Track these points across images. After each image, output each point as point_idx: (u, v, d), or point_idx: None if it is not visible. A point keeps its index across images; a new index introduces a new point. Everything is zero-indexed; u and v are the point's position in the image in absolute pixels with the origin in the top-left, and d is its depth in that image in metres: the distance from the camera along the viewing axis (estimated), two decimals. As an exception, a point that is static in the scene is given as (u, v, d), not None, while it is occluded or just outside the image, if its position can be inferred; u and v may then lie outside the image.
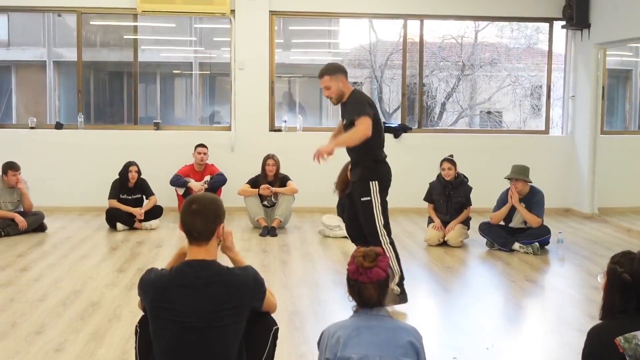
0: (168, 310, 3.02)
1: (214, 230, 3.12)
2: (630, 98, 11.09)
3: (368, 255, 3.02)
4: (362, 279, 3.00)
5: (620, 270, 3.07)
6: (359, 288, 3.01)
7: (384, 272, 3.00)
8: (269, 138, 10.15)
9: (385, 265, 3.02)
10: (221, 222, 3.16)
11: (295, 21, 12.79)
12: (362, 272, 2.99)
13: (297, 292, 5.97)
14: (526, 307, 5.93)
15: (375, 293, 3.00)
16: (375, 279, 2.98)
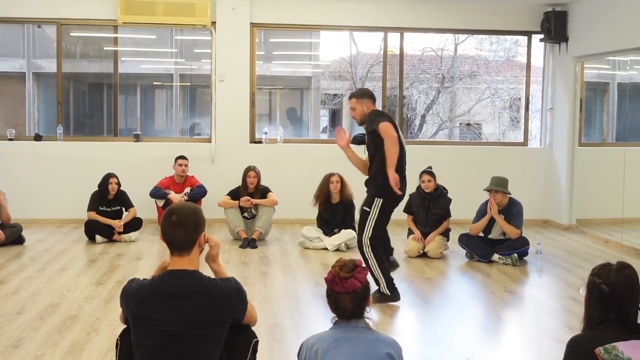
0: (150, 320, 3.01)
1: (195, 239, 3.13)
2: (607, 110, 11.20)
3: (345, 266, 3.05)
4: (337, 289, 3.02)
5: (599, 281, 3.09)
6: (335, 298, 3.03)
7: (361, 283, 3.01)
8: (249, 150, 10.15)
9: (363, 277, 3.03)
10: (202, 230, 3.17)
11: (276, 33, 12.82)
12: (338, 281, 3.01)
13: (277, 304, 5.97)
14: (505, 318, 5.96)
15: (350, 304, 3.01)
16: (350, 289, 2.99)
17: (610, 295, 3.05)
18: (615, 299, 3.04)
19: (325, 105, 16.14)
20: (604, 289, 3.06)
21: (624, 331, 3.03)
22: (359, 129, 16.59)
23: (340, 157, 10.14)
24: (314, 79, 15.71)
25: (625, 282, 3.05)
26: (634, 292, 3.06)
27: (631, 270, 3.11)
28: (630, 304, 3.05)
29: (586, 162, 10.24)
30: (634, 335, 3.04)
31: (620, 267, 3.10)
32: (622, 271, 3.08)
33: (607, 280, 3.07)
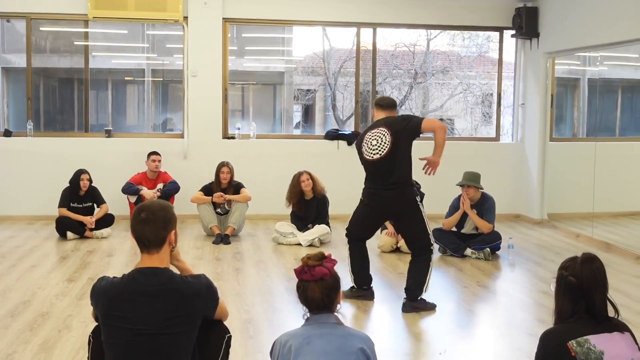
0: (120, 318, 2.99)
1: (165, 237, 3.10)
2: (578, 106, 11.30)
3: (314, 256, 3.06)
4: (306, 277, 3.03)
5: (566, 274, 3.13)
6: (304, 288, 3.04)
7: (329, 272, 3.01)
8: (222, 145, 10.11)
9: (331, 267, 3.04)
10: (172, 228, 3.14)
11: (249, 28, 12.76)
12: (307, 270, 3.03)
13: (251, 300, 5.95)
14: (478, 311, 6.00)
15: (319, 293, 3.01)
16: (318, 276, 3.00)
17: (577, 287, 3.09)
18: (583, 291, 3.08)
19: (298, 101, 16.13)
20: (571, 280, 3.10)
21: (595, 324, 3.07)
22: (332, 124, 16.59)
23: (312, 152, 10.19)
24: (286, 75, 15.69)
25: (591, 274, 3.09)
26: (600, 284, 3.10)
27: (597, 262, 3.15)
28: (597, 295, 3.09)
29: (557, 157, 10.33)
30: (605, 328, 3.08)
31: (586, 260, 3.14)
32: (588, 263, 3.12)
33: (573, 272, 3.11)
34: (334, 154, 10.36)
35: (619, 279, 6.93)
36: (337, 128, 12.33)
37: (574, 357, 2.98)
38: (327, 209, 8.62)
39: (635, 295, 6.35)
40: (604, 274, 3.13)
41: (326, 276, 3.01)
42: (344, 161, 10.35)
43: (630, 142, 10.21)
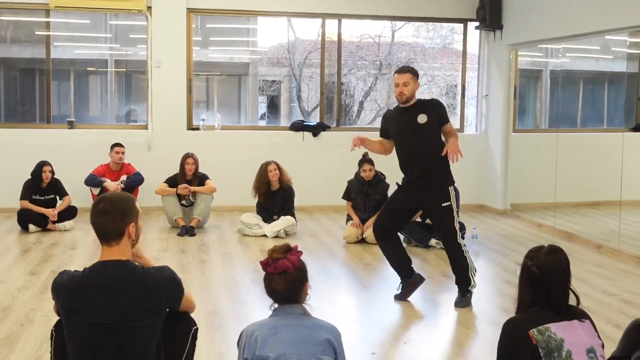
0: (82, 313, 2.95)
1: (123, 229, 3.05)
2: (540, 97, 11.42)
3: (279, 248, 3.06)
4: (269, 270, 3.03)
5: (530, 263, 3.18)
6: (268, 280, 3.05)
7: (293, 264, 3.02)
8: (186, 137, 10.05)
9: (296, 259, 3.04)
10: (131, 221, 3.08)
11: (214, 19, 12.68)
12: (271, 263, 3.03)
13: (217, 292, 5.94)
14: (442, 301, 6.04)
15: (282, 286, 3.01)
16: (281, 269, 3.00)
17: (539, 277, 3.13)
18: (544, 281, 3.13)
19: (263, 92, 16.06)
20: (534, 270, 3.14)
21: (556, 313, 3.12)
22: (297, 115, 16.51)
23: (278, 143, 10.18)
24: (251, 66, 15.61)
25: (553, 265, 3.13)
26: (562, 275, 3.14)
27: (561, 254, 3.19)
28: (558, 286, 3.13)
29: (520, 148, 10.45)
30: (565, 316, 3.13)
31: (549, 250, 3.18)
32: (552, 254, 3.17)
33: (537, 263, 3.15)
34: (299, 146, 10.35)
35: (580, 268, 7.04)
36: (303, 119, 12.33)
37: (535, 345, 3.02)
38: (293, 200, 8.62)
39: (596, 283, 6.46)
40: (566, 266, 3.17)
41: (289, 269, 3.01)
42: (309, 152, 10.36)
43: (591, 133, 10.36)
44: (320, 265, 7.01)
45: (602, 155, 9.34)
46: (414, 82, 5.70)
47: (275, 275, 3.02)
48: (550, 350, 3.02)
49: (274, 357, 2.90)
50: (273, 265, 3.02)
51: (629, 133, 8.75)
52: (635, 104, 9.19)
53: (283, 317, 3.02)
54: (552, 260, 3.14)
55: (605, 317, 5.32)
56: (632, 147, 8.33)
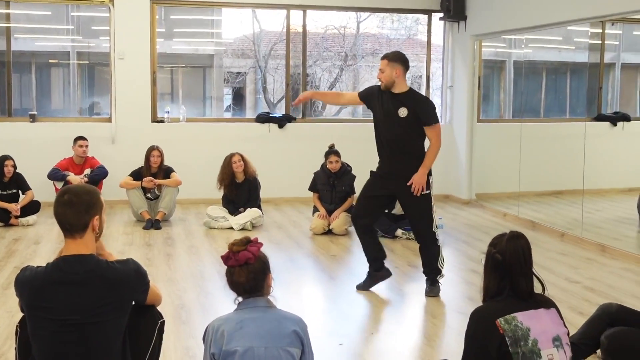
0: (45, 309, 2.90)
1: (87, 222, 3.00)
2: (504, 88, 11.51)
3: (239, 241, 3.06)
4: (231, 263, 3.02)
5: (493, 251, 3.21)
6: (230, 274, 3.04)
7: (253, 255, 3.01)
8: (151, 129, 9.96)
9: (256, 250, 3.03)
10: (96, 214, 3.03)
11: (178, 10, 12.58)
12: (232, 256, 3.02)
13: (183, 286, 5.91)
14: (409, 291, 6.08)
15: (244, 277, 3.00)
16: (242, 260, 3.00)
17: (502, 263, 3.17)
18: (508, 267, 3.16)
19: (228, 84, 15.99)
20: (497, 257, 3.18)
21: (522, 301, 3.16)
22: (263, 107, 16.41)
23: (243, 135, 10.13)
24: (216, 57, 15.52)
25: (514, 251, 3.17)
26: (523, 261, 3.18)
27: (523, 240, 3.22)
28: (521, 272, 3.17)
29: (484, 138, 10.53)
30: (532, 304, 3.16)
31: (511, 237, 3.22)
32: (513, 240, 3.20)
33: (500, 250, 3.19)
34: (265, 137, 10.33)
35: (544, 256, 7.13)
36: (268, 111, 12.29)
37: (502, 335, 3.06)
38: (258, 192, 8.60)
39: (560, 271, 6.54)
40: (528, 251, 3.21)
41: (251, 260, 3.00)
42: (275, 144, 10.34)
43: (554, 123, 10.47)
44: (286, 256, 7.00)
45: (565, 144, 9.45)
46: (391, 69, 5.66)
47: (236, 267, 3.02)
48: (517, 339, 3.05)
49: (241, 352, 2.89)
50: (234, 258, 3.02)
51: (591, 122, 8.86)
52: (597, 93, 9.31)
53: (248, 310, 3.02)
54: (513, 246, 3.18)
55: (568, 305, 5.39)
56: (594, 137, 8.44)
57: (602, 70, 9.44)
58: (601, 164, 8.79)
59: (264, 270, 3.05)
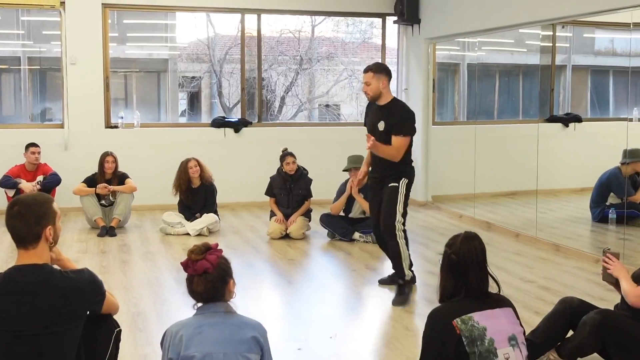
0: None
1: (39, 233, 2.95)
2: (458, 90, 11.63)
3: (198, 249, 3.02)
4: (189, 272, 2.99)
5: (449, 251, 3.25)
6: (190, 282, 3.01)
7: (212, 264, 2.98)
8: (105, 135, 9.83)
9: (214, 259, 3.00)
10: (48, 224, 2.99)
11: (130, 14, 12.44)
12: (190, 264, 2.99)
13: (139, 293, 5.84)
14: (367, 294, 6.09)
15: (203, 286, 2.98)
16: (200, 270, 2.97)
17: (457, 263, 3.20)
18: (461, 268, 3.20)
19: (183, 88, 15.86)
20: (452, 258, 3.22)
21: (478, 301, 3.19)
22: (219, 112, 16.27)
23: (199, 140, 10.06)
24: (170, 62, 15.39)
25: (468, 251, 3.21)
26: (477, 261, 3.22)
27: (477, 240, 3.26)
28: (475, 272, 3.20)
29: (440, 141, 10.61)
30: (488, 304, 3.20)
31: (465, 237, 3.26)
32: (467, 241, 3.24)
33: (454, 250, 3.22)
34: (220, 142, 10.27)
35: (500, 256, 7.20)
36: (224, 115, 12.23)
37: (459, 335, 3.08)
38: (215, 197, 8.54)
39: (515, 271, 6.62)
40: (482, 251, 3.25)
41: (209, 269, 2.97)
42: (231, 149, 10.29)
43: (507, 125, 10.60)
44: (244, 262, 6.97)
45: (519, 146, 9.57)
46: (377, 80, 5.71)
47: (195, 276, 2.98)
48: (474, 339, 3.08)
49: (199, 357, 2.86)
50: (192, 267, 2.99)
51: (544, 124, 8.98)
52: (549, 95, 9.45)
53: (208, 315, 2.99)
54: (467, 246, 3.22)
55: (524, 304, 5.45)
56: (547, 138, 8.57)
57: (553, 72, 9.60)
58: (554, 164, 8.93)
59: (224, 278, 3.02)
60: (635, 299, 3.79)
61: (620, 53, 9.42)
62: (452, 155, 10.51)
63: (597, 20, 8.33)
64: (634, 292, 3.80)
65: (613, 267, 3.94)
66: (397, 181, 5.70)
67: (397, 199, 5.69)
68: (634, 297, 3.79)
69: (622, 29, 8.01)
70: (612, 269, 3.94)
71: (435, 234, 8.46)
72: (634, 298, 3.79)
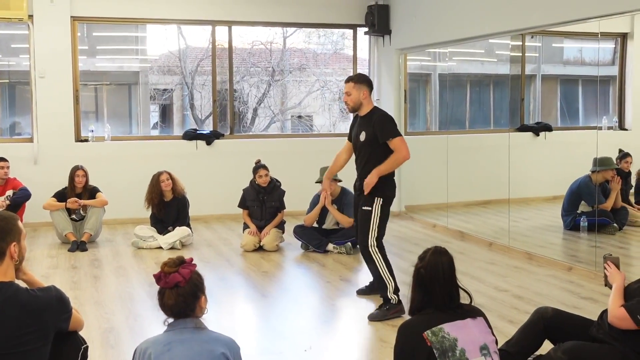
0: (-37, 340, 2.78)
1: (4, 249, 2.91)
2: (430, 100, 11.68)
3: (172, 262, 2.99)
4: (161, 285, 2.96)
5: (419, 265, 3.26)
6: (161, 295, 2.97)
7: (184, 278, 2.95)
8: (75, 149, 9.73)
9: (187, 273, 2.97)
10: (12, 240, 2.94)
11: (100, 27, 12.36)
12: (162, 277, 2.96)
13: (111, 308, 5.76)
14: (341, 306, 6.07)
15: (174, 300, 2.94)
16: (172, 283, 2.93)
17: (425, 277, 3.21)
18: (427, 282, 3.21)
19: (154, 101, 15.77)
20: (421, 272, 3.23)
21: (449, 313, 3.19)
22: (191, 124, 16.20)
23: (171, 153, 10.00)
24: (141, 74, 15.29)
25: (435, 266, 3.22)
26: (443, 276, 3.23)
27: (444, 255, 3.29)
28: (441, 288, 3.21)
29: (412, 151, 10.52)
30: (458, 315, 3.20)
31: (433, 252, 3.29)
32: (435, 256, 3.27)
33: (424, 264, 3.24)
34: (192, 155, 10.21)
35: (473, 265, 7.22)
36: (196, 128, 12.17)
37: (430, 347, 3.08)
38: (187, 210, 8.48)
39: (489, 280, 6.64)
40: (448, 266, 3.26)
41: (181, 283, 2.94)
42: (203, 161, 10.24)
43: (479, 134, 10.67)
44: (217, 275, 6.91)
45: (490, 155, 9.62)
46: (358, 90, 5.69)
47: (166, 289, 2.95)
48: (445, 350, 3.08)
49: (168, 375, 2.82)
50: (164, 280, 2.95)
51: (515, 133, 9.04)
52: (520, 104, 9.52)
53: (177, 332, 2.95)
54: (434, 261, 3.24)
55: (498, 313, 5.46)
56: (518, 147, 8.62)
57: (523, 81, 9.67)
58: (526, 173, 8.98)
59: (196, 293, 2.98)
60: (614, 319, 3.69)
61: (589, 62, 9.52)
62: (424, 166, 10.53)
63: (565, 30, 8.41)
64: (614, 312, 3.68)
65: (609, 275, 3.90)
66: (370, 204, 5.64)
67: (370, 221, 5.64)
68: (613, 317, 3.69)
69: (590, 39, 8.10)
70: (609, 276, 3.91)
71: (409, 244, 8.47)
72: (613, 318, 3.69)
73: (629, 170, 8.47)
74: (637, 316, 3.57)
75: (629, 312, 3.61)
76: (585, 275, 6.72)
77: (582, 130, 9.24)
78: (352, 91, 5.71)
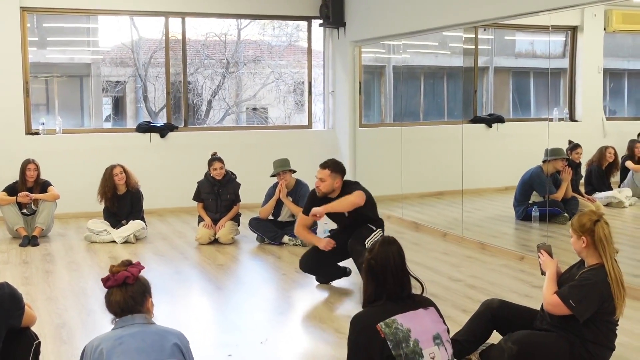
0: None
1: None
2: (384, 92, 11.74)
3: (120, 263, 3.02)
4: (109, 284, 2.96)
5: (369, 257, 3.28)
6: (109, 294, 2.97)
7: (133, 275, 2.95)
8: (25, 142, 9.56)
9: (136, 272, 2.98)
10: None
11: (51, 18, 12.15)
12: (111, 277, 2.95)
13: (64, 304, 5.68)
14: (297, 298, 6.08)
15: (121, 297, 2.95)
16: (121, 280, 2.94)
17: (376, 268, 3.24)
18: (379, 273, 3.23)
19: (107, 93, 15.55)
20: (372, 263, 3.25)
21: (401, 303, 3.22)
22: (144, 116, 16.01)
23: (124, 146, 9.89)
24: (93, 66, 15.07)
25: (385, 256, 3.25)
26: (395, 266, 3.26)
27: (394, 245, 3.31)
28: (394, 277, 3.24)
29: (367, 143, 10.69)
30: (410, 305, 3.23)
31: (383, 242, 3.31)
32: (384, 246, 3.30)
33: (374, 255, 3.26)
34: (146, 147, 10.12)
35: (428, 256, 7.30)
36: (149, 120, 12.05)
37: (383, 339, 3.11)
38: (141, 203, 8.40)
39: (443, 270, 6.71)
40: (398, 256, 3.29)
41: (129, 279, 2.95)
42: (157, 154, 10.15)
43: (433, 126, 10.76)
44: (172, 268, 6.86)
45: (444, 146, 9.72)
46: (333, 179, 5.91)
47: (115, 288, 2.94)
48: (399, 342, 3.11)
49: (123, 368, 2.81)
50: (113, 279, 2.95)
51: (468, 125, 9.14)
52: (473, 96, 9.63)
53: (127, 327, 2.95)
54: (384, 251, 3.26)
55: (452, 303, 5.53)
56: (471, 138, 8.72)
57: (476, 73, 9.78)
58: (478, 164, 9.10)
59: (144, 292, 3.00)
60: (549, 306, 3.84)
61: (540, 55, 9.67)
62: (379, 157, 10.60)
63: (517, 23, 8.53)
64: (548, 299, 3.83)
65: (543, 262, 4.04)
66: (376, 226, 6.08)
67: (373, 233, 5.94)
68: (547, 304, 3.84)
69: (541, 32, 8.23)
70: (542, 264, 4.04)
71: (364, 235, 8.50)
72: (547, 305, 3.85)
73: (579, 161, 8.63)
74: (569, 301, 3.71)
75: (561, 298, 3.75)
76: (536, 264, 6.74)
77: (533, 122, 9.38)
78: (327, 179, 5.90)
